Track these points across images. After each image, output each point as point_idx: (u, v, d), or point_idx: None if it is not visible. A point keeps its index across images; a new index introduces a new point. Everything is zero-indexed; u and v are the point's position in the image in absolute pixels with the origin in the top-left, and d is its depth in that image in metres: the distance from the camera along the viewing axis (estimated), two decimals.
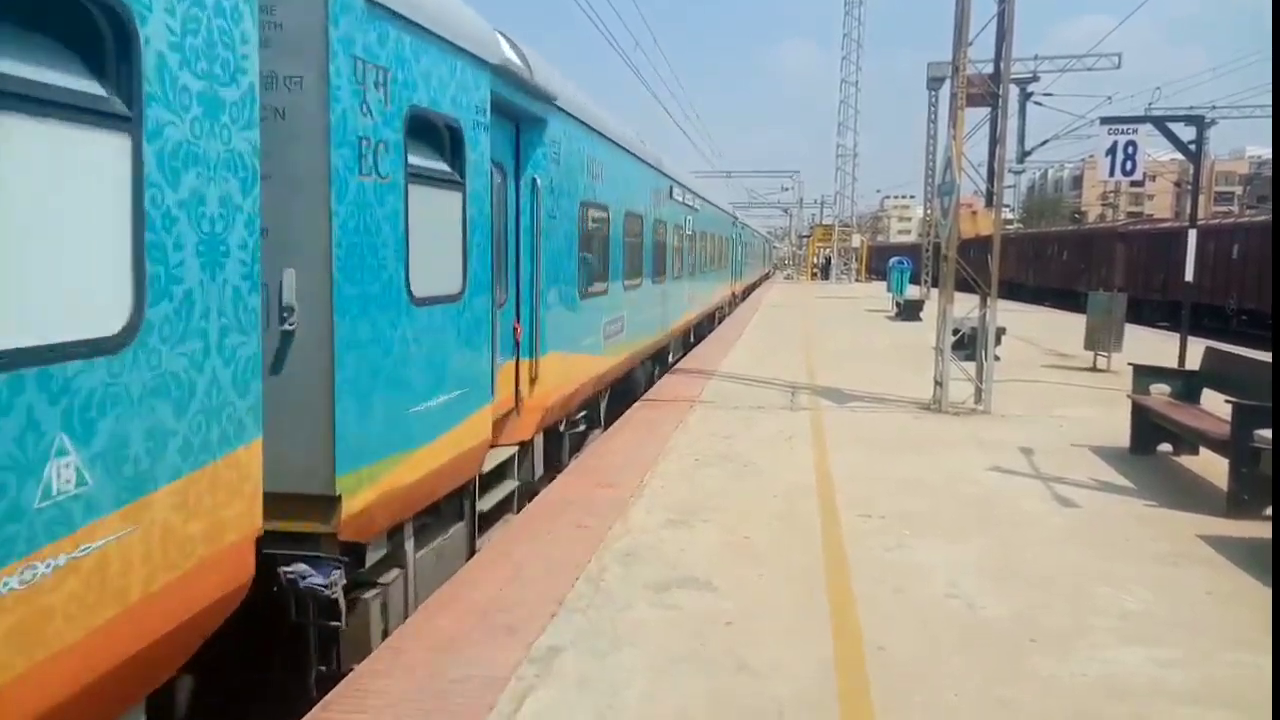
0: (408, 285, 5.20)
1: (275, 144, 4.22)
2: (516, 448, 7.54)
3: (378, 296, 4.89)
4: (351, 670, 4.49)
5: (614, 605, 5.23)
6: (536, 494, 7.67)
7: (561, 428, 9.13)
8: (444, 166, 5.73)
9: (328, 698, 4.22)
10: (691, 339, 21.24)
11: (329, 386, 4.50)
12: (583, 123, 9.29)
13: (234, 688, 4.87)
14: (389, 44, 4.92)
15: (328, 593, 4.56)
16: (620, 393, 12.45)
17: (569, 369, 8.73)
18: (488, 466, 6.75)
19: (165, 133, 3.21)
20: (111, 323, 3.04)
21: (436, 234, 5.59)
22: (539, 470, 8.31)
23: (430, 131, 5.55)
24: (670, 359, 17.54)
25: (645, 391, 13.30)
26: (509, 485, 7.35)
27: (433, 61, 5.45)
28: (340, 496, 4.56)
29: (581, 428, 10.11)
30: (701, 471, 8.38)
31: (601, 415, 11.26)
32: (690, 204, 19.24)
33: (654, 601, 5.30)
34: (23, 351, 2.68)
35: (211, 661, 4.21)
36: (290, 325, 4.43)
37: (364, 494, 4.76)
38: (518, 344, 7.47)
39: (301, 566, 4.55)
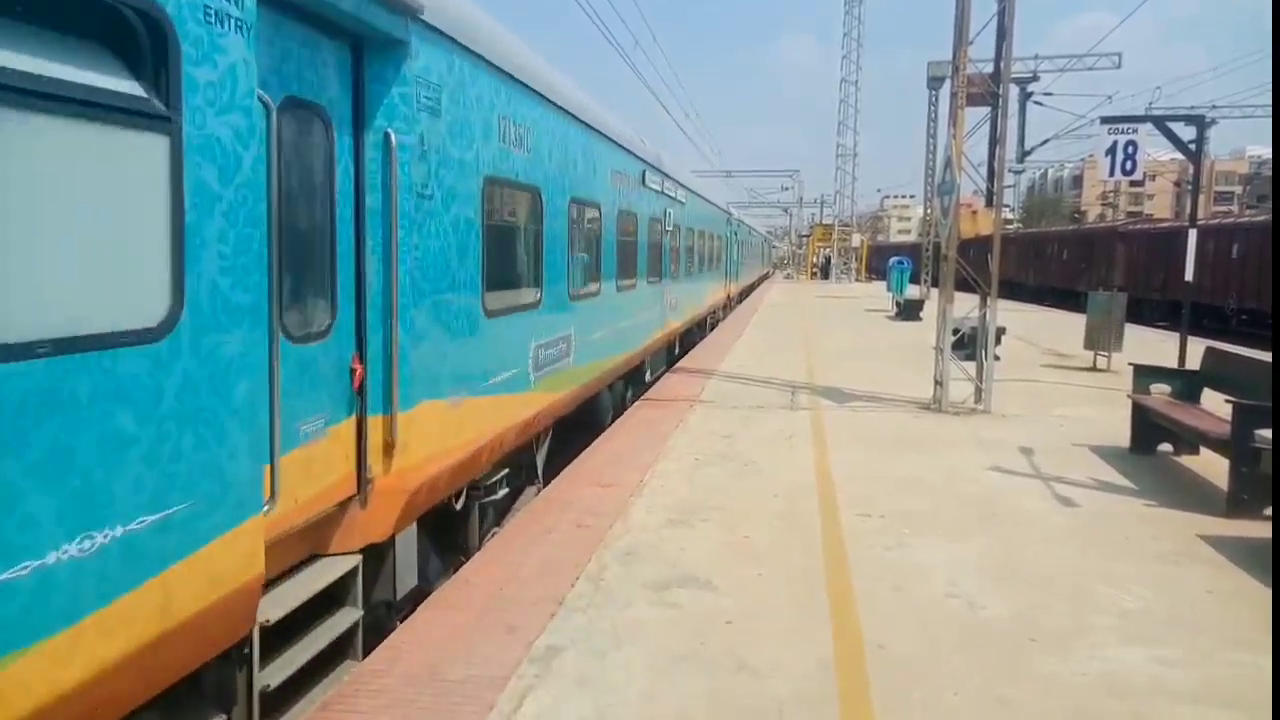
0: None
1: None
2: (359, 557, 4.92)
3: None
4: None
5: (614, 604, 5.23)
6: (411, 613, 5.29)
7: (458, 504, 6.37)
8: (115, 82, 3.00)
9: (327, 697, 4.22)
10: (677, 351, 18.44)
11: None
12: (489, 62, 6.37)
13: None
14: None
15: None
16: (575, 425, 10.00)
17: (463, 421, 6.05)
18: (275, 612, 4.10)
19: None
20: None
21: (80, 212, 2.89)
22: (409, 580, 5.59)
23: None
24: (648, 376, 14.83)
25: (611, 421, 11.18)
26: (344, 619, 4.72)
27: None
28: None
29: (501, 492, 7.21)
30: (702, 471, 8.38)
31: (539, 466, 8.52)
32: (673, 195, 16.26)
33: (654, 601, 5.30)
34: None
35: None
36: None
37: None
38: (360, 392, 4.90)
39: None
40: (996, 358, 12.60)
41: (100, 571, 2.92)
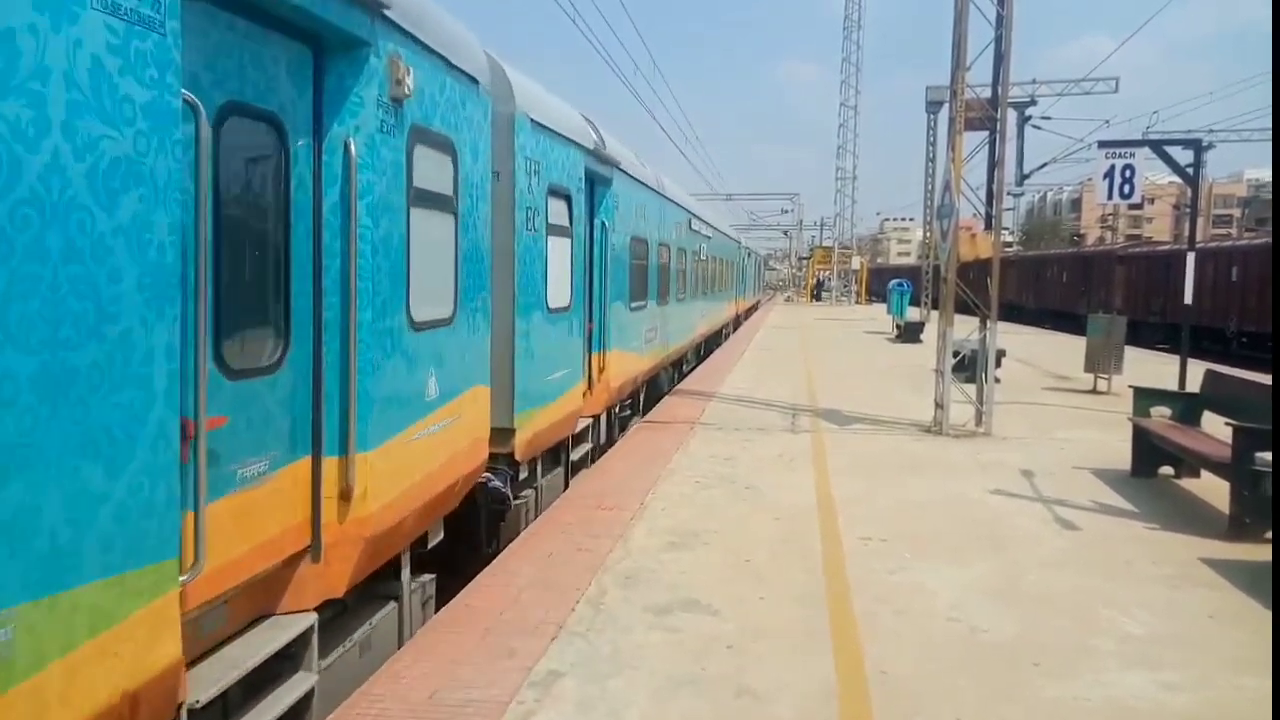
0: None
1: None
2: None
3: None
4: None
5: (614, 628, 5.21)
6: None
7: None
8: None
9: (329, 719, 4.20)
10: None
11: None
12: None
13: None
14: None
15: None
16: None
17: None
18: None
19: None
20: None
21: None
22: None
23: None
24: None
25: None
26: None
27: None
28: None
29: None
30: (703, 493, 8.37)
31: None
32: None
33: (654, 624, 5.28)
34: None
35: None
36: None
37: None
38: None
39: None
40: (997, 380, 12.60)
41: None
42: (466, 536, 6.87)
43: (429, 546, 5.82)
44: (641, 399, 14.12)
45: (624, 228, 11.41)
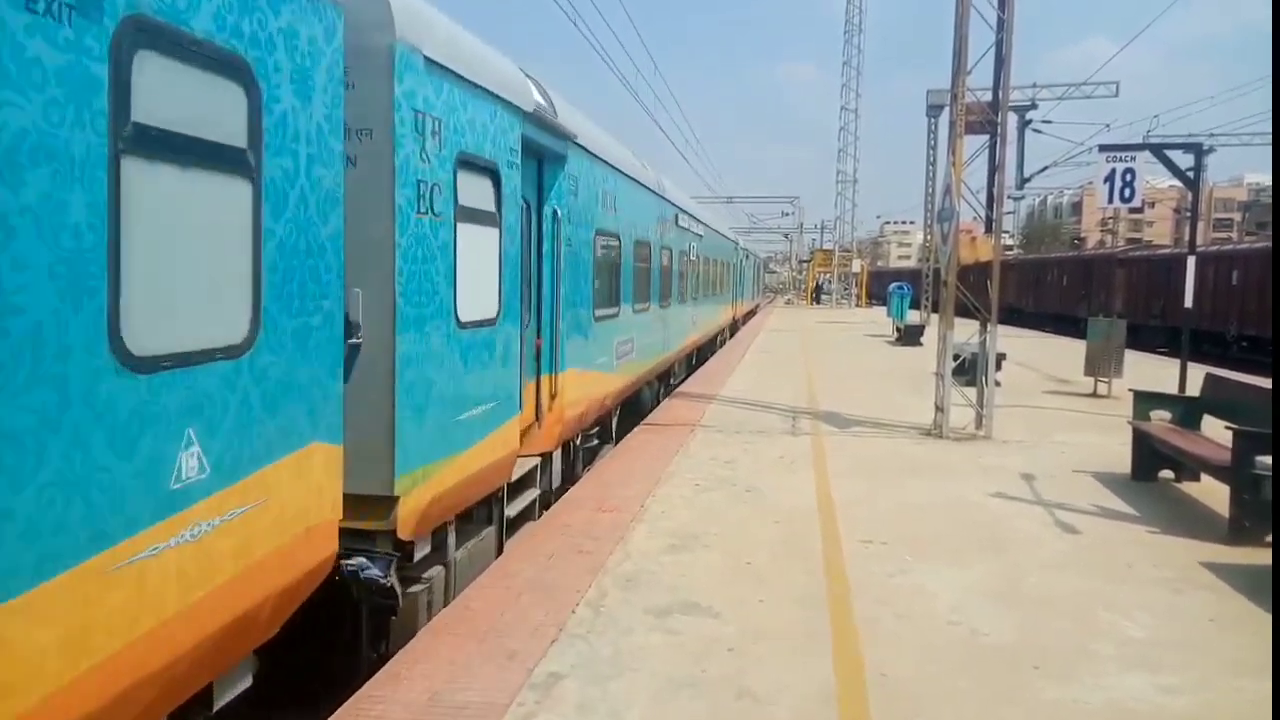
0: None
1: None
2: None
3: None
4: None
5: (615, 630, 5.21)
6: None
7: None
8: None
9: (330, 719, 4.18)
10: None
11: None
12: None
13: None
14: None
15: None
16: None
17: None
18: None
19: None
20: None
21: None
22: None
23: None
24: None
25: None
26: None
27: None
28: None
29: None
30: (703, 496, 8.37)
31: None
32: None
33: (655, 627, 5.29)
34: None
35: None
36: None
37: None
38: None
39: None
40: (997, 383, 12.61)
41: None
42: (341, 639, 5.35)
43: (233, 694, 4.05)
44: (615, 423, 12.05)
45: (585, 218, 9.42)
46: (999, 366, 13.54)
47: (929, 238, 39.73)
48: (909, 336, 27.31)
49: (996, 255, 12.53)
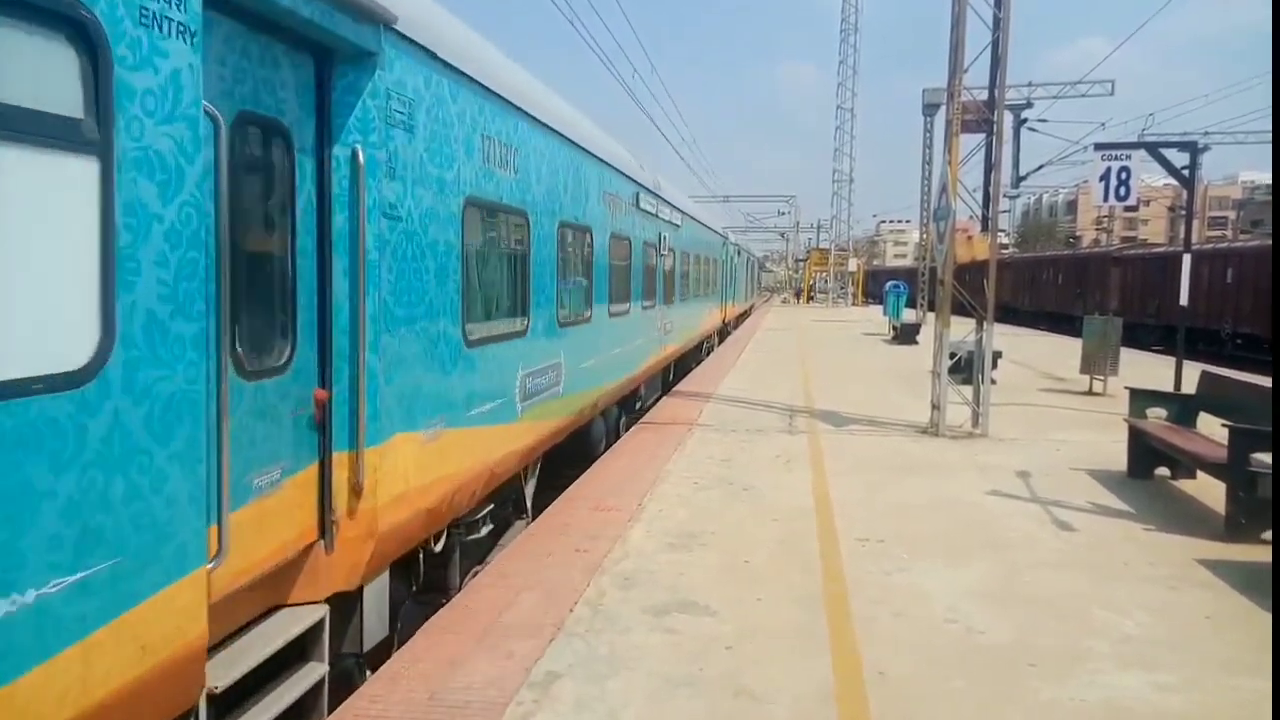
0: None
1: None
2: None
3: None
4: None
5: (613, 629, 5.22)
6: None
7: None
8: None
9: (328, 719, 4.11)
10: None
11: None
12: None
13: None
14: None
15: None
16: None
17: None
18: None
19: None
20: None
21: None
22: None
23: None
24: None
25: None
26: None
27: None
28: None
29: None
30: (700, 495, 8.38)
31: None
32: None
33: (653, 625, 5.29)
34: None
35: None
36: None
37: None
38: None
39: None
40: (993, 382, 12.63)
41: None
42: None
43: None
44: (533, 486, 8.28)
45: (441, 175, 5.60)
46: (995, 365, 13.56)
47: (925, 236, 39.77)
48: (905, 335, 27.36)
49: (993, 253, 12.55)
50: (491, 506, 7.00)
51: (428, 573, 6.07)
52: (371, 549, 4.80)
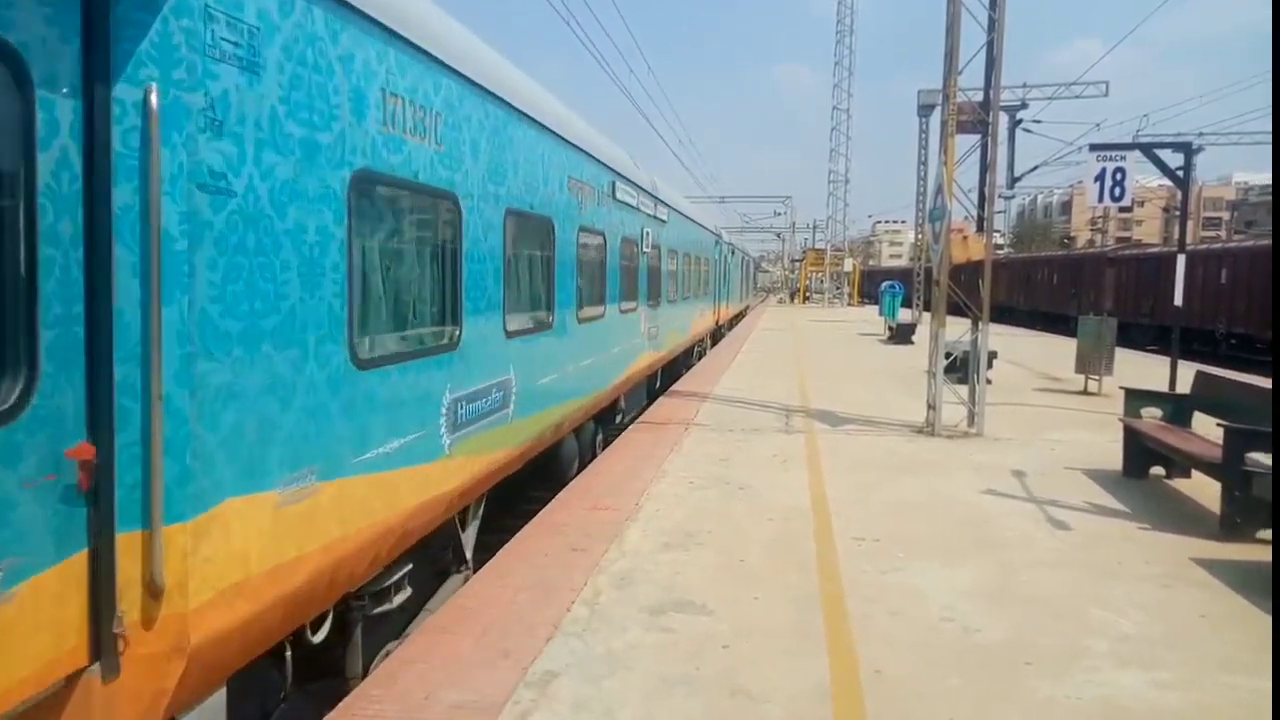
0: None
1: None
2: None
3: None
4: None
5: (610, 628, 5.22)
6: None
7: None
8: None
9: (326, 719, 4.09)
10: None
11: None
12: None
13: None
14: None
15: None
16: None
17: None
18: None
19: None
20: None
21: None
22: None
23: None
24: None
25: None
26: None
27: None
28: None
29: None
30: (697, 494, 8.38)
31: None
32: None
33: (649, 625, 5.29)
34: None
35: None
36: None
37: None
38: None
39: None
40: (988, 381, 12.66)
41: None
42: None
43: None
44: (474, 530, 6.91)
45: (309, 138, 4.11)
46: (990, 364, 13.58)
47: (920, 237, 39.80)
48: (901, 335, 27.41)
49: (988, 254, 12.57)
50: (410, 567, 5.51)
51: (315, 658, 4.74)
52: (181, 669, 3.34)
